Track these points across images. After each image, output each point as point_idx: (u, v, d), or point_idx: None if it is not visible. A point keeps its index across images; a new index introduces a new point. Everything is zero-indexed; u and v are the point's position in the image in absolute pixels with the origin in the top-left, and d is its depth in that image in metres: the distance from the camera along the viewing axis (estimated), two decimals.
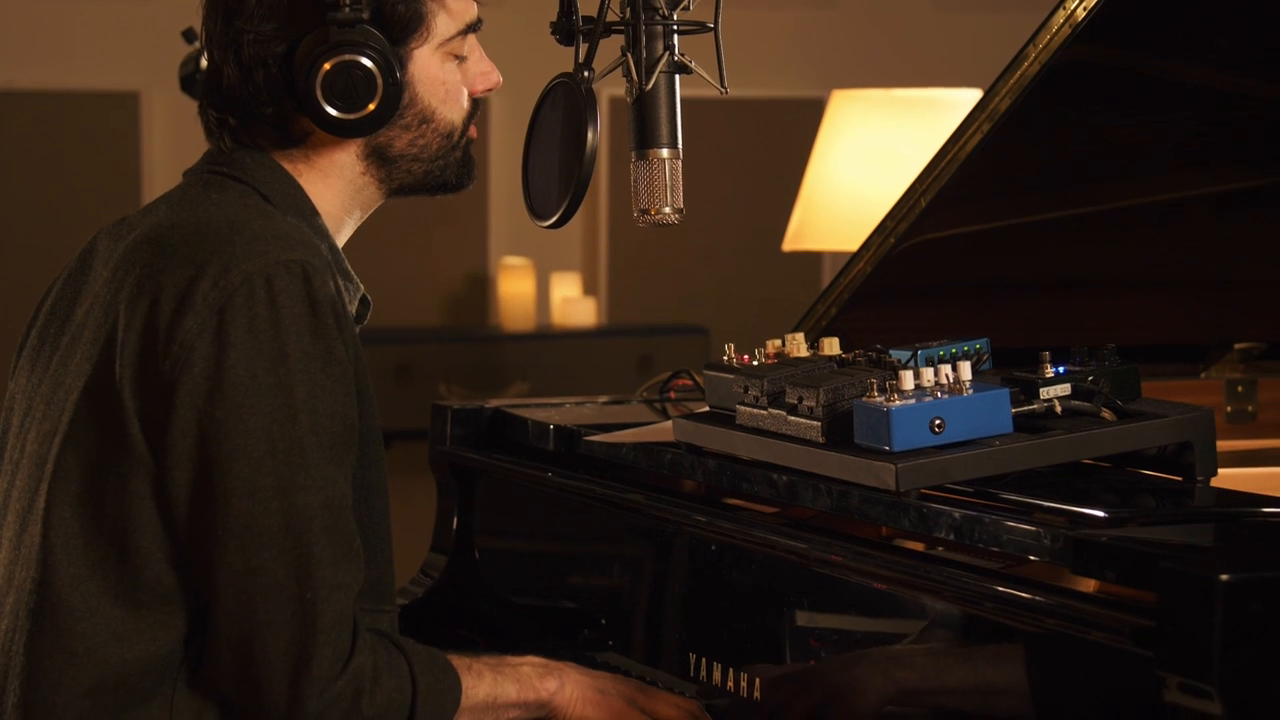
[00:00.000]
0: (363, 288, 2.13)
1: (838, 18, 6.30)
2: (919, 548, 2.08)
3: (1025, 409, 2.00)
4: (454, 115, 2.12)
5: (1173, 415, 2.02)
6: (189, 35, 3.70)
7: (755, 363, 2.16)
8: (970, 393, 1.95)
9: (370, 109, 2.03)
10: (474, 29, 2.12)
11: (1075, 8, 2.41)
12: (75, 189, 5.56)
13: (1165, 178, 2.79)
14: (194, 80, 3.66)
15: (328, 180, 2.10)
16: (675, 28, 2.15)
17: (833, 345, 2.19)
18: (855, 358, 2.12)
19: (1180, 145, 2.75)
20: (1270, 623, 1.61)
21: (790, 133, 5.85)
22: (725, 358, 2.19)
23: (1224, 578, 1.61)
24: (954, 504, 1.93)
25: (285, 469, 1.90)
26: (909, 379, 1.95)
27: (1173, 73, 2.60)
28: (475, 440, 2.67)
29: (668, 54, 2.14)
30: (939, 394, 1.94)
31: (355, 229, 2.17)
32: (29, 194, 5.56)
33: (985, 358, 2.13)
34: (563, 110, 2.16)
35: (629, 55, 2.15)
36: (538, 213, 2.19)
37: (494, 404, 2.70)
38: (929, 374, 1.96)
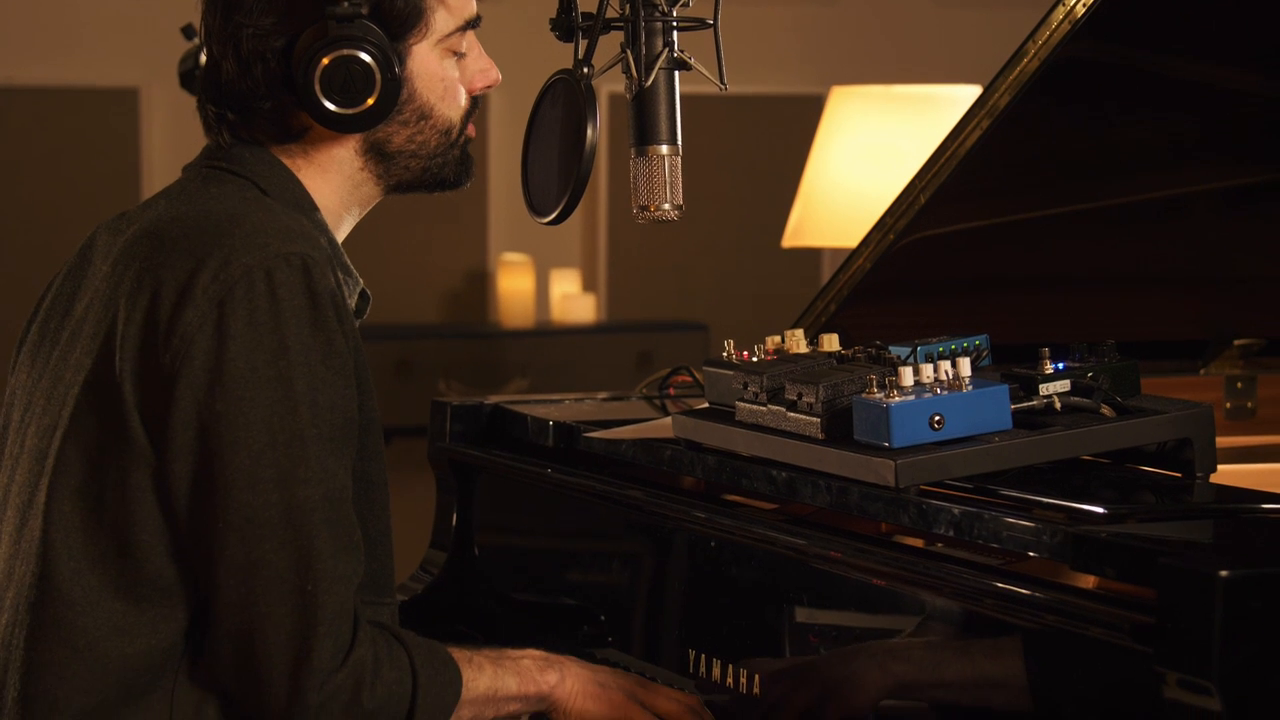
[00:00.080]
0: (362, 282, 2.13)
1: (837, 14, 6.30)
2: (918, 544, 2.08)
3: (1025, 405, 2.00)
4: (452, 112, 2.12)
5: (1172, 411, 2.02)
6: (188, 31, 3.70)
7: (755, 359, 2.16)
8: (970, 389, 1.95)
9: (368, 104, 2.03)
10: (473, 25, 2.12)
11: (1075, 4, 2.41)
12: (75, 185, 5.56)
13: (1165, 174, 2.79)
14: (193, 76, 3.67)
15: (326, 175, 2.10)
16: (675, 24, 2.15)
17: (832, 341, 2.19)
18: (855, 354, 2.12)
19: (1180, 141, 2.75)
20: (1269, 619, 1.61)
21: (790, 129, 5.85)
22: (725, 354, 2.19)
23: (1223, 574, 1.61)
24: (953, 500, 1.93)
25: (285, 461, 1.90)
26: (908, 375, 1.95)
27: (1172, 69, 2.60)
28: (475, 437, 2.67)
29: (667, 50, 2.14)
30: (938, 390, 1.94)
31: (354, 225, 2.17)
32: (29, 190, 5.56)
33: (984, 354, 2.13)
34: (562, 107, 2.16)
35: (628, 52, 2.15)
36: (537, 209, 2.19)
37: (493, 400, 2.70)
38: (928, 370, 1.96)
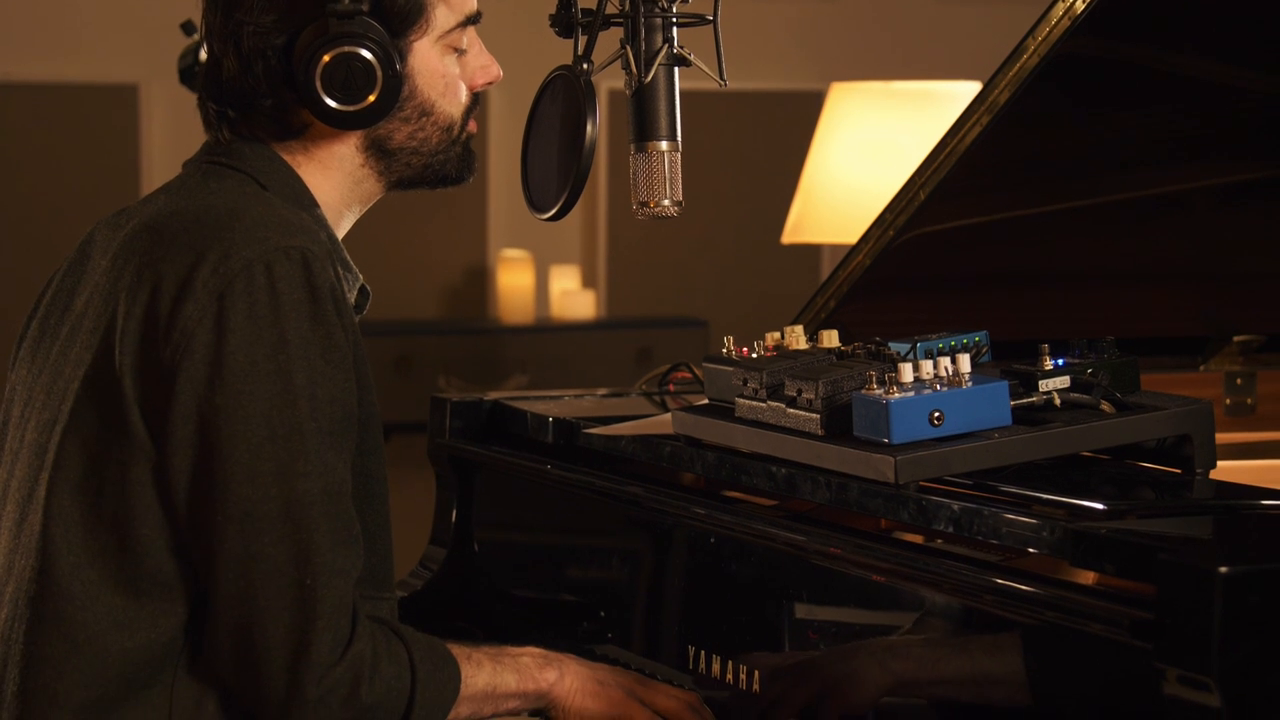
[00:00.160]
0: (361, 278, 2.13)
1: (837, 10, 6.30)
2: (918, 540, 2.08)
3: (1024, 401, 2.00)
4: (454, 109, 2.12)
5: (1172, 408, 2.02)
6: (188, 28, 3.70)
7: (754, 355, 2.16)
8: (969, 385, 1.95)
9: (369, 101, 2.03)
10: (473, 21, 2.12)
11: (1075, 1, 2.41)
12: (74, 182, 5.56)
13: (1165, 170, 2.79)
14: (193, 73, 3.67)
15: (327, 172, 2.10)
16: (674, 20, 2.15)
17: (832, 338, 2.19)
18: (854, 350, 2.12)
19: (1179, 138, 2.75)
20: (1269, 615, 1.61)
21: (789, 125, 5.86)
22: (724, 350, 2.19)
23: (1223, 570, 1.61)
24: (953, 496, 1.93)
25: (284, 455, 1.90)
26: (908, 371, 1.95)
27: (1172, 65, 2.60)
28: (474, 433, 2.67)
29: (667, 46, 2.14)
30: (938, 386, 1.94)
31: (355, 221, 2.17)
32: (28, 187, 5.56)
33: (984, 350, 2.13)
34: (562, 103, 2.16)
35: (628, 48, 2.15)
36: (537, 205, 2.19)
37: (493, 396, 2.70)
38: (928, 366, 1.96)
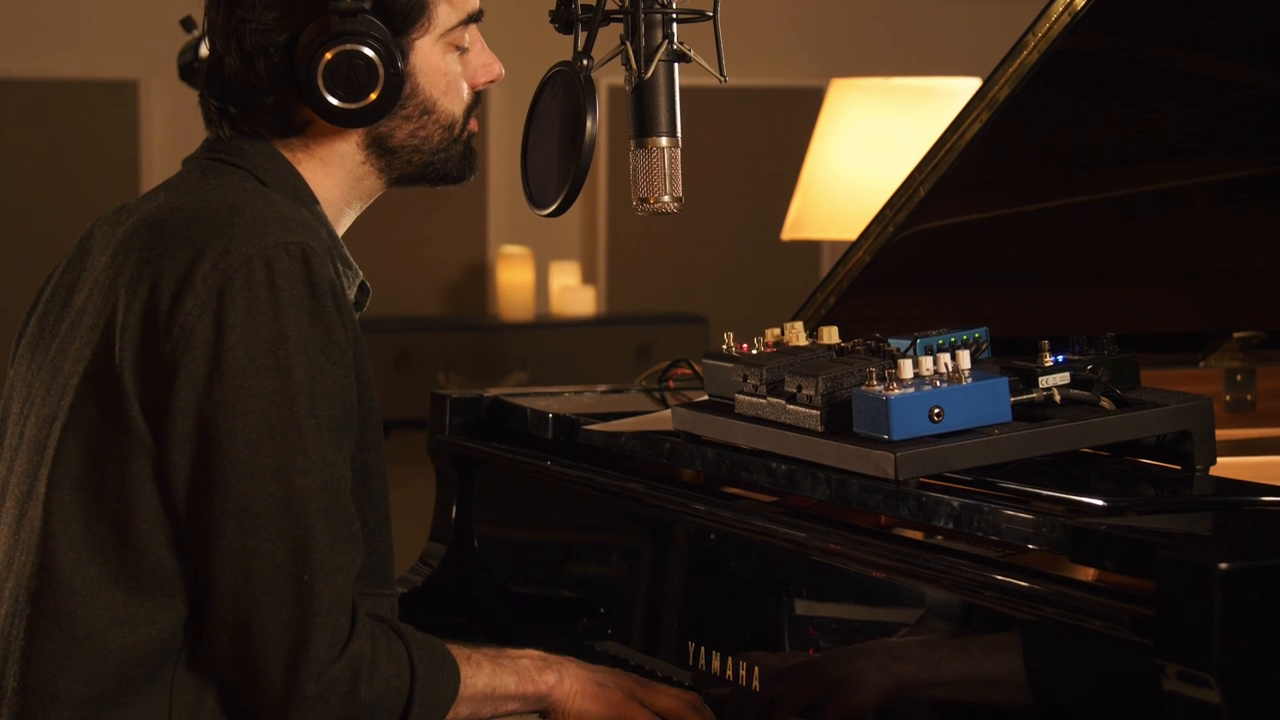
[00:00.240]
0: (361, 274, 2.13)
1: (837, 6, 6.30)
2: (918, 537, 2.08)
3: (1024, 398, 2.00)
4: (455, 107, 2.12)
5: (1172, 404, 2.02)
6: (187, 24, 3.70)
7: (754, 351, 2.16)
8: (969, 381, 1.95)
9: (371, 99, 2.03)
10: (475, 19, 2.12)
11: None
12: (74, 178, 5.55)
13: (1164, 166, 2.79)
14: (193, 69, 3.66)
15: (328, 169, 2.11)
16: (674, 16, 2.15)
17: (831, 334, 2.19)
18: (854, 346, 2.12)
19: (1179, 134, 2.75)
20: (1269, 611, 1.61)
21: (789, 121, 5.85)
22: (724, 346, 2.19)
23: (1223, 566, 1.61)
24: (953, 493, 1.93)
25: (283, 450, 1.90)
26: (908, 368, 1.95)
27: (1172, 61, 2.60)
28: (474, 429, 2.67)
29: (667, 42, 2.14)
30: (938, 383, 1.94)
31: (355, 218, 2.17)
32: (27, 183, 5.55)
33: (984, 346, 2.13)
34: (561, 99, 2.16)
35: (628, 44, 2.15)
36: (536, 201, 2.20)
37: (493, 393, 2.70)
38: (928, 363, 1.96)
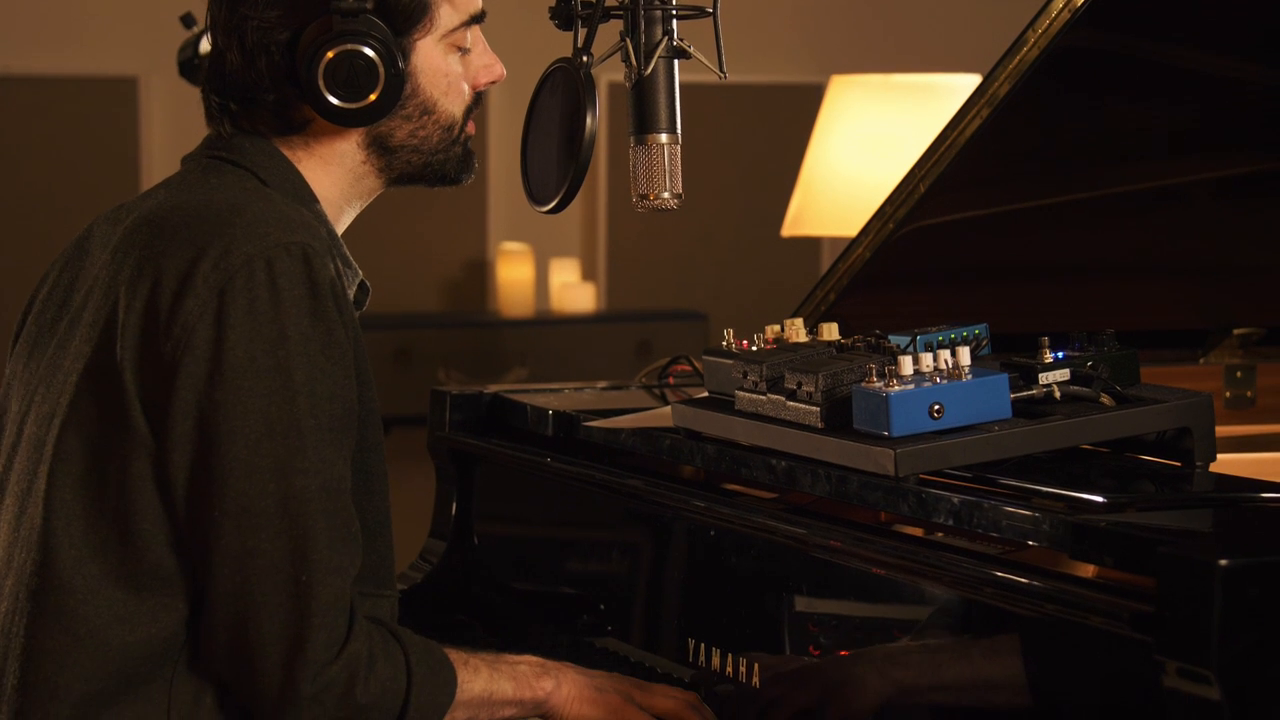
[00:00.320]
0: (361, 274, 2.13)
1: (837, 3, 6.29)
2: (918, 533, 2.08)
3: (1024, 394, 2.00)
4: (455, 108, 2.12)
5: (1172, 400, 2.02)
6: (187, 20, 3.69)
7: (754, 348, 2.16)
8: (969, 378, 1.95)
9: (371, 99, 2.03)
10: (477, 21, 2.12)
11: None
12: (74, 174, 5.55)
13: (1164, 163, 2.79)
14: (192, 65, 3.66)
15: (328, 168, 2.11)
16: (674, 12, 2.15)
17: (832, 331, 2.19)
18: (854, 343, 2.12)
19: (1179, 130, 2.75)
20: (1268, 608, 1.61)
21: (789, 118, 5.85)
22: (724, 343, 2.19)
23: (1222, 563, 1.61)
24: (953, 489, 1.93)
25: (283, 451, 1.90)
26: (908, 364, 1.95)
27: (1172, 58, 2.60)
28: (474, 426, 2.67)
29: (667, 39, 2.14)
30: (938, 379, 1.94)
31: (354, 217, 2.17)
32: (27, 179, 5.55)
33: (984, 343, 2.13)
34: (561, 95, 2.16)
35: (628, 40, 2.15)
36: (536, 198, 2.19)
37: (493, 389, 2.70)
38: (928, 359, 1.96)
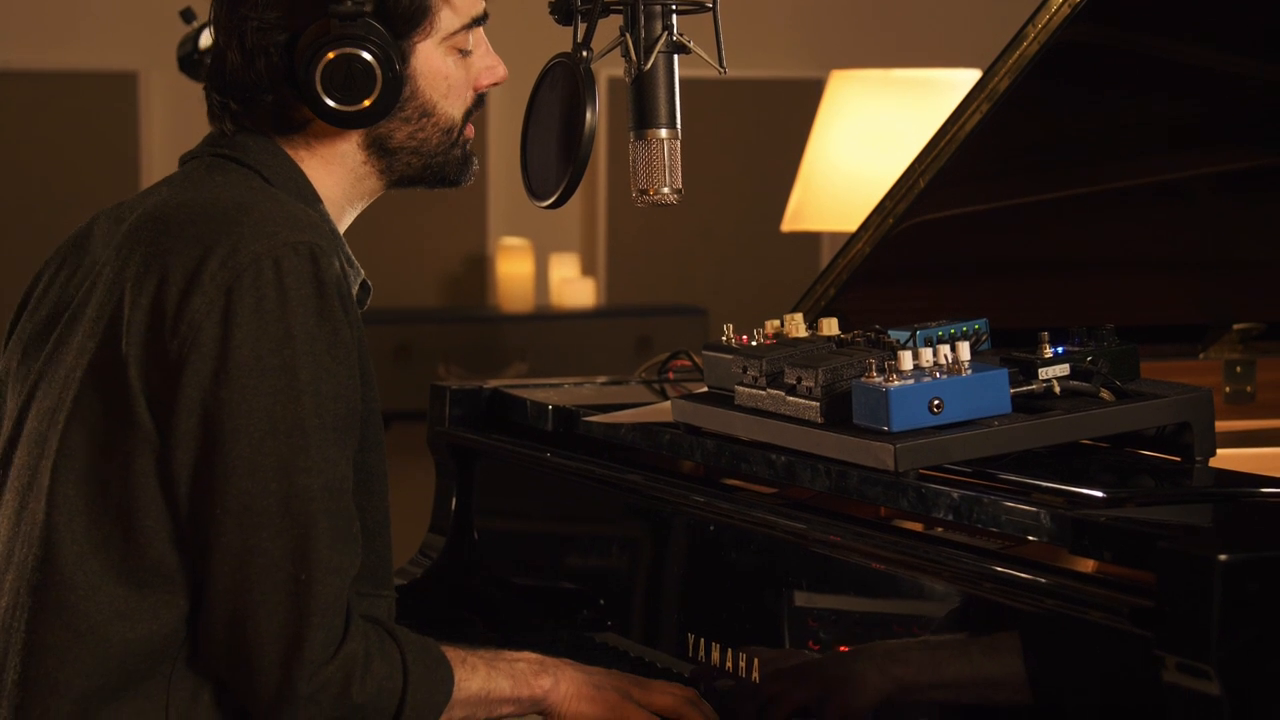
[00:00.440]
0: (363, 273, 2.13)
1: None
2: (918, 528, 2.08)
3: (1024, 389, 2.00)
4: (455, 110, 2.12)
5: (1171, 396, 2.02)
6: (187, 15, 3.69)
7: (754, 343, 2.16)
8: (969, 373, 1.95)
9: (367, 103, 2.03)
10: (479, 23, 2.12)
11: None
12: (73, 169, 5.55)
13: (1164, 158, 2.79)
14: (192, 60, 3.66)
15: (329, 167, 2.10)
16: (674, 7, 2.14)
17: (831, 326, 2.19)
18: (854, 338, 2.12)
19: (1179, 126, 2.75)
20: (1268, 603, 1.62)
21: (789, 113, 5.85)
22: (724, 338, 2.19)
23: (1222, 558, 1.61)
24: (952, 484, 1.93)
25: (286, 450, 1.90)
26: (907, 359, 1.95)
27: (1172, 53, 2.60)
28: (474, 421, 2.67)
29: (666, 34, 2.14)
30: (938, 374, 1.94)
31: (355, 217, 2.17)
32: (27, 174, 5.55)
33: (984, 338, 2.13)
34: (561, 90, 2.16)
35: (627, 35, 2.14)
36: (536, 193, 2.19)
37: (492, 385, 2.70)
38: (928, 354, 1.96)
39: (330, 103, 2.02)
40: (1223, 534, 1.81)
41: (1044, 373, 2.02)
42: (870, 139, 4.20)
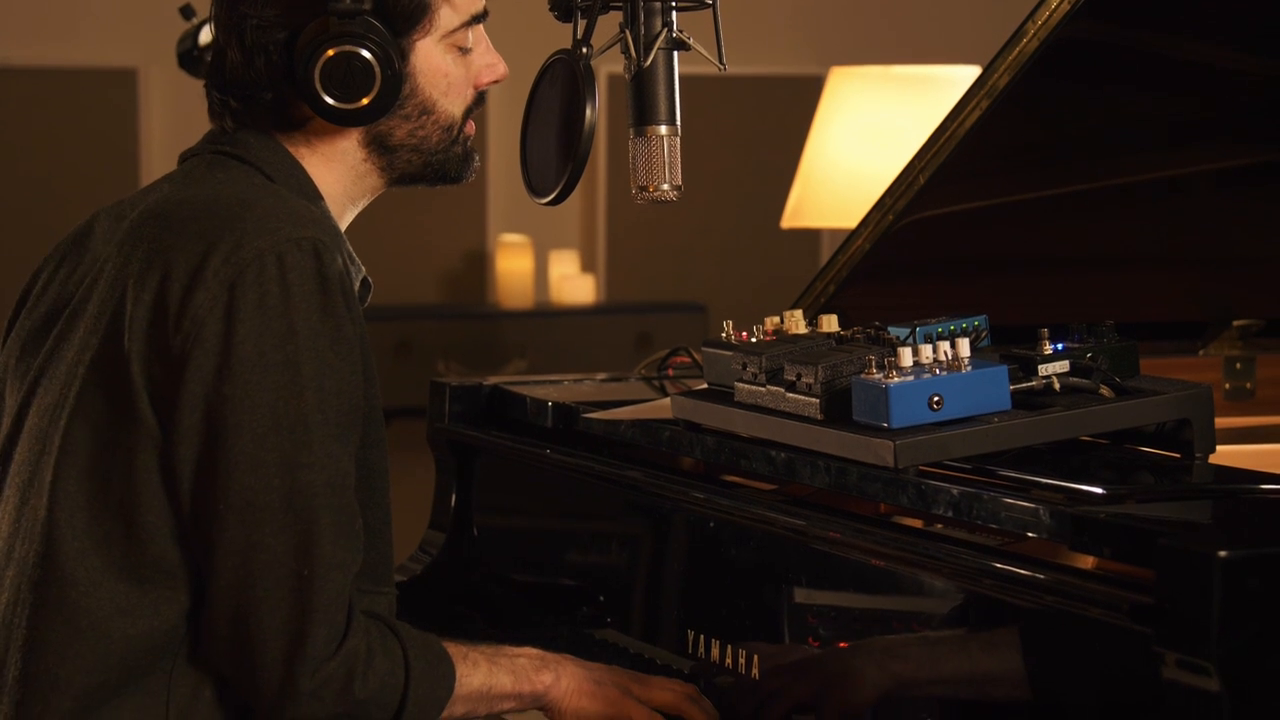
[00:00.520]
0: (364, 270, 2.13)
1: None
2: (917, 525, 2.08)
3: (1024, 386, 2.00)
4: (455, 108, 2.12)
5: (1171, 392, 2.02)
6: (186, 11, 3.70)
7: (754, 340, 2.16)
8: (969, 370, 1.95)
9: (366, 101, 2.03)
10: (479, 20, 2.12)
11: None
12: (73, 166, 5.55)
13: (1164, 154, 2.79)
14: (192, 57, 3.66)
15: (330, 165, 2.11)
16: (674, 4, 2.14)
17: (831, 322, 2.19)
18: (854, 335, 2.12)
19: (1179, 122, 2.75)
20: (1268, 599, 1.62)
21: (789, 109, 5.85)
22: (724, 335, 2.19)
23: (1222, 554, 1.61)
24: (952, 481, 1.93)
25: (289, 445, 1.90)
26: (907, 356, 1.95)
27: (1172, 49, 2.60)
28: (474, 417, 2.67)
29: (666, 30, 2.14)
30: (937, 371, 1.94)
31: (355, 215, 2.17)
32: (27, 170, 5.55)
33: (984, 335, 2.13)
34: (561, 87, 2.16)
35: (627, 32, 2.14)
36: (536, 190, 2.19)
37: (492, 381, 2.70)
38: (927, 351, 1.96)
39: (329, 100, 2.02)
40: (1223, 531, 1.81)
41: (1044, 369, 2.02)
42: (870, 135, 4.20)
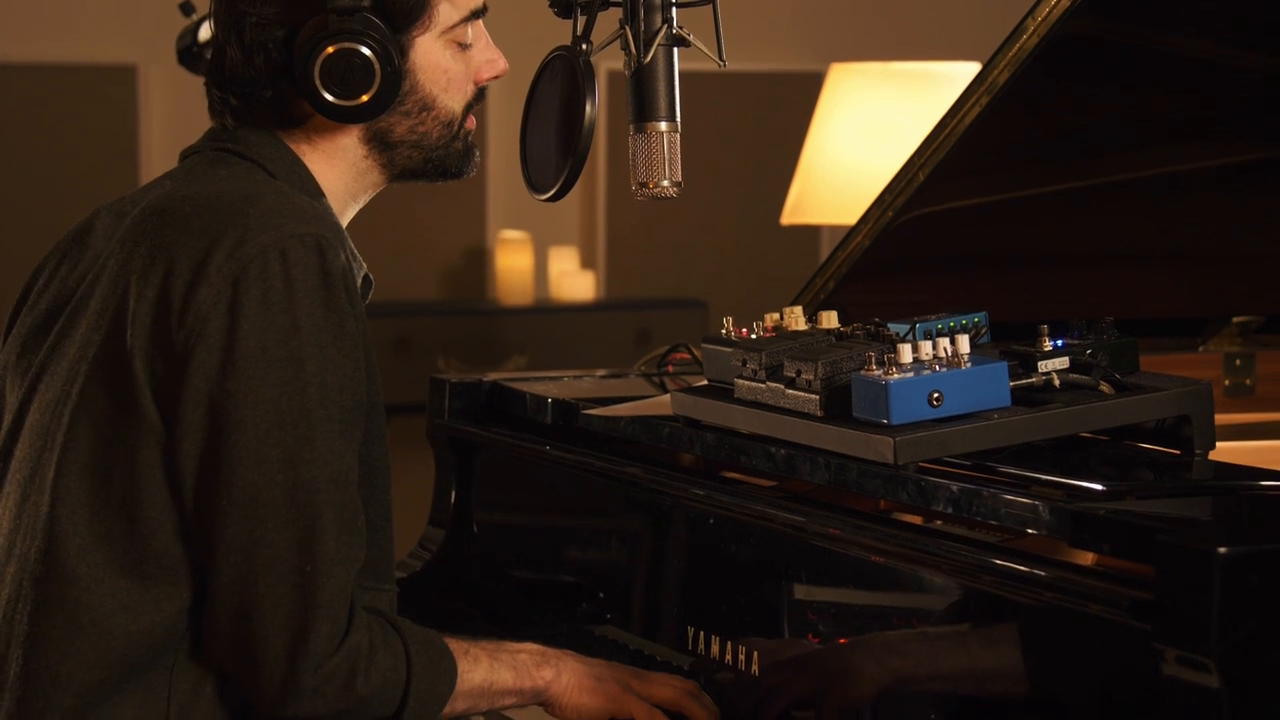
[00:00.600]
0: (365, 267, 2.13)
1: None
2: (917, 521, 2.08)
3: (1023, 382, 2.00)
4: (455, 104, 2.12)
5: (1171, 389, 2.02)
6: (186, 8, 3.69)
7: (753, 336, 2.16)
8: (968, 366, 1.95)
9: (366, 97, 2.03)
10: (478, 16, 2.12)
11: None
12: (72, 163, 5.55)
13: (1164, 151, 2.79)
14: (191, 53, 3.66)
15: (331, 161, 2.11)
16: (674, 1, 2.14)
17: (831, 319, 2.19)
18: (853, 331, 2.12)
19: (1179, 118, 2.75)
20: (1268, 595, 1.62)
21: (789, 106, 5.84)
22: (723, 331, 2.19)
23: (1222, 551, 1.61)
24: (952, 477, 1.93)
25: (292, 441, 1.90)
26: (907, 352, 1.95)
27: (1172, 46, 2.60)
28: (473, 414, 2.67)
29: (666, 27, 2.14)
30: (937, 367, 1.94)
31: (357, 211, 2.17)
32: (26, 167, 5.55)
33: (983, 331, 2.13)
34: (561, 83, 2.16)
35: (627, 28, 2.14)
36: (536, 186, 2.19)
37: (492, 377, 2.70)
38: (927, 347, 1.96)
39: (329, 97, 2.02)
40: (1222, 527, 1.81)
41: (1043, 366, 2.02)
42: (870, 132, 4.20)
